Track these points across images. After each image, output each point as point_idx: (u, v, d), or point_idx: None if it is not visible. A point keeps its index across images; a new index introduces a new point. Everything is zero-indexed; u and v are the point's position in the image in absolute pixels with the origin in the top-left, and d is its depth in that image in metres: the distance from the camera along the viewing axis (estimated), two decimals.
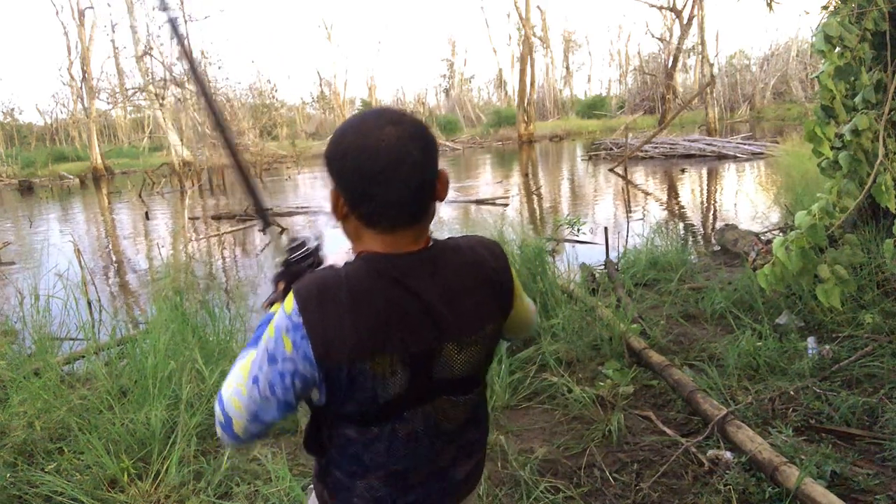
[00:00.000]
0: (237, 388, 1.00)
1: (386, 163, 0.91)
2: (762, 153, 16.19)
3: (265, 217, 1.31)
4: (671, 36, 33.62)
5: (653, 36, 50.36)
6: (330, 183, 0.98)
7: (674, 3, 29.18)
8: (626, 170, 15.56)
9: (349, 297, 0.93)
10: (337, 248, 1.19)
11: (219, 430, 1.04)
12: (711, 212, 10.12)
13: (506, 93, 53.69)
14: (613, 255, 5.99)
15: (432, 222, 1.03)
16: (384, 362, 0.95)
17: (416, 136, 0.94)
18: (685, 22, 28.43)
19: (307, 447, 1.11)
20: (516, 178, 17.31)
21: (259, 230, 1.31)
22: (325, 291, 0.94)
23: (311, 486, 1.18)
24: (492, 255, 1.08)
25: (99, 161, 28.74)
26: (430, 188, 0.98)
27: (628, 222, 7.56)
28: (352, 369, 0.94)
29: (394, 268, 0.96)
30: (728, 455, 2.49)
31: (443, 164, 1.02)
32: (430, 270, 0.99)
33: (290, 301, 0.95)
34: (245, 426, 1.00)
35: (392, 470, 1.04)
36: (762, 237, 5.96)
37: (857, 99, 2.59)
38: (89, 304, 5.33)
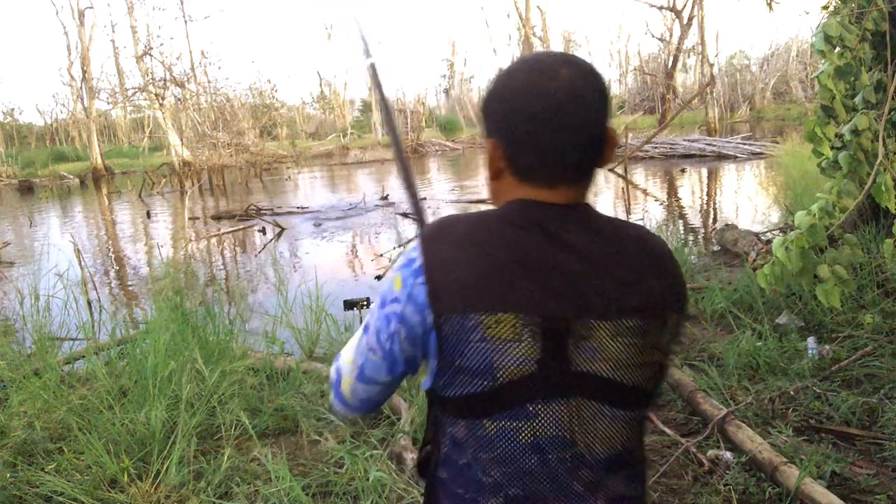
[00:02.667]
0: (353, 342, 0.90)
1: (559, 103, 0.79)
2: (762, 153, 16.19)
3: (417, 207, 1.20)
4: (671, 36, 33.60)
5: (653, 36, 50.36)
6: (486, 133, 0.87)
7: (674, 3, 29.17)
8: (626, 170, 15.55)
9: (476, 232, 0.81)
10: None
11: (330, 395, 0.96)
12: (711, 212, 10.12)
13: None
14: None
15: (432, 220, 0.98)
16: (506, 322, 0.76)
17: (593, 78, 0.82)
18: (685, 22, 28.42)
19: (420, 468, 0.94)
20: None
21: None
22: (450, 226, 0.83)
23: None
24: (669, 254, 0.88)
25: (99, 161, 28.74)
26: (601, 142, 0.84)
27: None
28: (465, 322, 0.77)
29: (541, 213, 0.81)
30: (728, 455, 2.49)
31: (443, 164, 0.99)
32: (585, 227, 0.82)
33: (412, 243, 0.85)
34: (353, 386, 0.90)
35: (509, 496, 0.82)
36: (762, 237, 5.96)
37: (857, 99, 2.59)
38: (89, 304, 5.33)
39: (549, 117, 0.79)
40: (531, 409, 0.79)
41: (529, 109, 0.80)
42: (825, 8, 2.75)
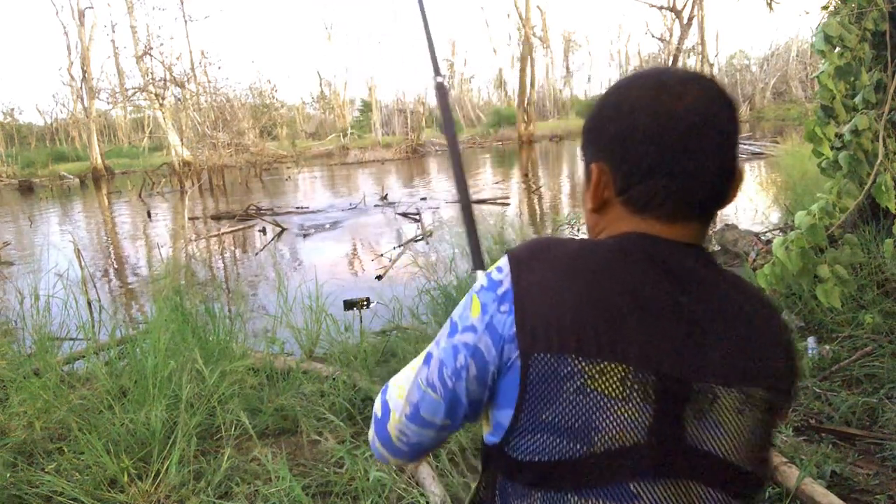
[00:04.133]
0: (407, 373, 0.77)
1: (688, 127, 0.67)
2: (762, 153, 16.19)
3: (479, 257, 1.01)
4: (671, 36, 33.61)
5: (653, 36, 50.36)
6: (591, 157, 0.74)
7: (674, 3, 29.16)
8: None
9: (581, 258, 0.67)
10: None
11: (371, 432, 0.80)
12: None
13: (506, 93, 53.71)
14: None
15: (434, 223, 0.90)
16: (613, 374, 0.62)
17: (725, 101, 0.70)
18: (685, 22, 28.42)
19: None
20: (516, 178, 17.31)
21: (471, 271, 0.99)
22: (549, 247, 0.69)
23: None
24: (784, 321, 0.74)
25: (99, 161, 28.75)
26: (730, 175, 0.71)
27: None
28: (560, 366, 0.62)
29: (660, 249, 0.69)
30: None
31: (443, 165, 0.95)
32: (706, 271, 0.70)
33: (498, 262, 0.71)
34: (402, 426, 0.75)
35: None
36: (762, 237, 5.96)
37: (857, 99, 2.59)
38: (89, 304, 5.33)
39: (677, 142, 0.68)
40: (634, 488, 0.63)
41: (652, 131, 0.68)
42: (825, 8, 2.75)
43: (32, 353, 3.75)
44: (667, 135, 0.68)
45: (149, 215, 14.09)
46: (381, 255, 8.05)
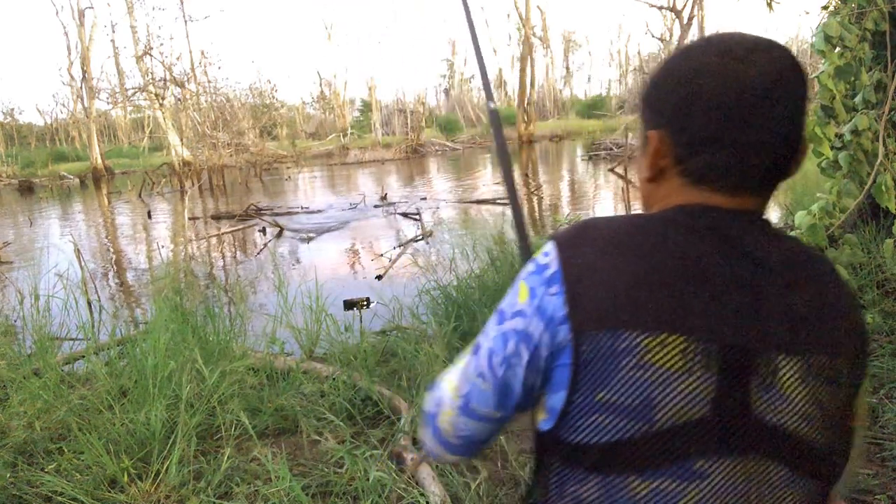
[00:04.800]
0: (457, 365, 0.75)
1: (756, 94, 0.64)
2: None
3: (526, 244, 1.01)
4: (671, 36, 33.61)
5: (653, 36, 50.37)
6: (649, 124, 0.72)
7: (674, 3, 29.17)
8: (626, 170, 15.55)
9: (631, 234, 0.65)
10: None
11: (425, 429, 0.78)
12: None
13: (506, 93, 53.71)
14: None
15: (434, 223, 0.90)
16: (673, 346, 0.60)
17: (796, 67, 0.66)
18: (685, 22, 28.41)
19: None
20: (516, 179, 17.30)
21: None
22: (595, 227, 0.68)
23: None
24: (848, 287, 0.71)
25: (99, 161, 28.76)
26: (797, 146, 0.67)
27: None
28: (616, 341, 0.60)
29: (719, 218, 0.66)
30: None
31: (443, 165, 0.94)
32: (768, 241, 0.67)
33: (543, 247, 0.70)
34: (454, 420, 0.73)
35: None
36: None
37: (857, 99, 2.59)
38: (89, 304, 5.33)
39: (743, 110, 0.64)
40: (699, 466, 0.60)
41: (717, 98, 0.65)
42: (825, 8, 2.74)
43: (32, 353, 3.76)
44: (733, 102, 0.64)
45: (149, 215, 14.09)
46: (381, 255, 8.05)
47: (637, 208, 8.66)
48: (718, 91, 0.65)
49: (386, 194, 14.38)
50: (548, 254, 0.68)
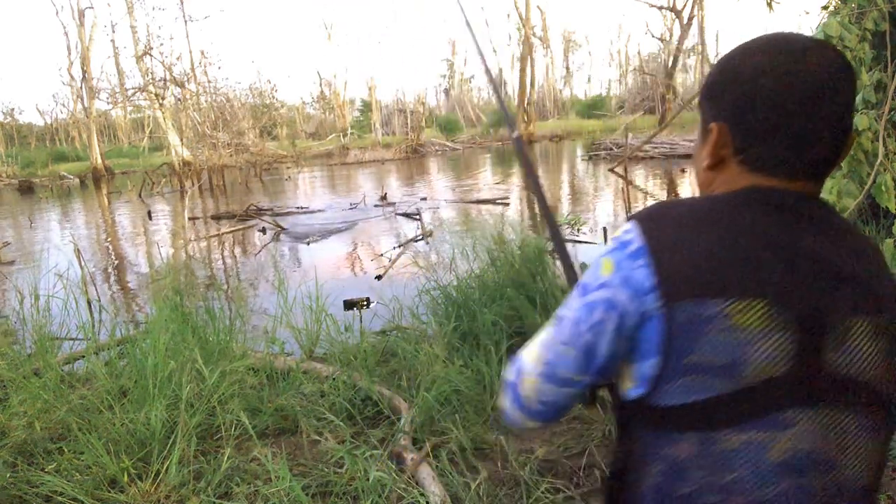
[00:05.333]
0: (538, 338, 0.80)
1: (810, 91, 0.70)
2: None
3: (564, 252, 1.10)
4: (671, 36, 33.62)
5: (653, 36, 50.39)
6: (710, 116, 0.78)
7: (674, 3, 29.17)
8: (626, 170, 15.56)
9: (707, 212, 0.72)
10: None
11: (505, 396, 0.83)
12: None
13: (506, 93, 53.73)
14: None
15: (434, 223, 0.96)
16: (755, 310, 0.66)
17: (846, 66, 0.73)
18: (685, 22, 28.42)
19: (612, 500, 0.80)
20: (516, 179, 17.31)
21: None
22: (673, 206, 0.74)
23: None
24: (884, 260, 0.78)
25: (99, 161, 28.76)
26: (846, 135, 0.74)
27: None
28: (702, 309, 0.66)
29: (782, 197, 0.73)
30: None
31: (443, 165, 0.96)
32: (825, 216, 0.74)
33: (622, 227, 0.76)
34: (537, 386, 0.78)
35: None
36: None
37: (857, 99, 2.59)
38: (89, 304, 5.33)
39: (798, 105, 0.71)
40: (787, 416, 0.67)
41: (776, 94, 0.71)
42: (825, 8, 2.75)
43: (32, 353, 3.76)
44: (789, 98, 0.71)
45: (149, 215, 14.09)
46: (381, 255, 8.05)
47: (636, 206, 8.70)
48: (777, 88, 0.71)
49: (386, 194, 14.38)
50: (630, 231, 0.73)
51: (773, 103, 0.72)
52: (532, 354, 0.80)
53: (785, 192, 0.73)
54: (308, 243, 9.37)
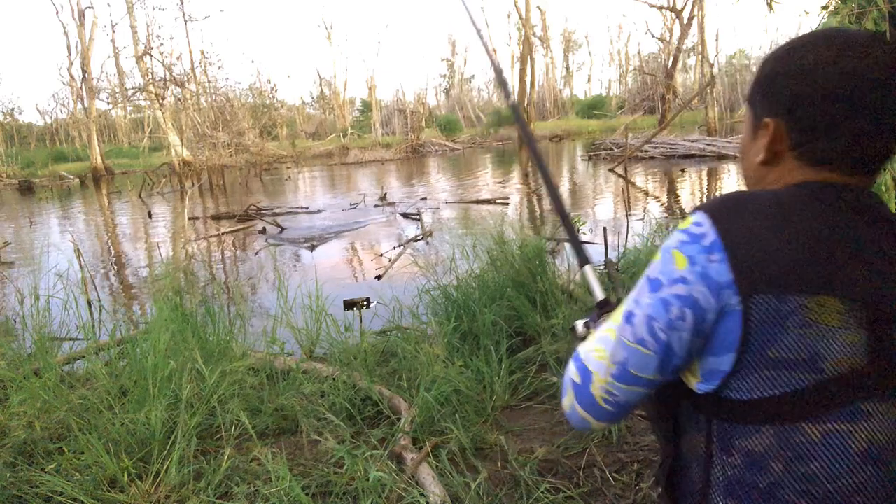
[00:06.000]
0: (603, 336, 0.78)
1: (871, 86, 0.70)
2: None
3: (582, 254, 1.11)
4: (671, 36, 33.61)
5: (653, 36, 50.40)
6: (764, 112, 0.78)
7: (674, 3, 29.16)
8: (626, 170, 15.57)
9: (780, 204, 0.71)
10: None
11: (568, 398, 0.81)
12: None
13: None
14: (613, 255, 5.99)
15: (432, 220, 0.96)
16: (831, 306, 0.67)
17: None
18: (685, 22, 28.41)
19: (670, 488, 0.83)
20: (516, 178, 17.31)
21: None
22: (746, 198, 0.72)
23: None
24: None
25: (99, 161, 28.78)
26: None
27: (628, 222, 7.56)
28: (781, 304, 0.67)
29: (848, 194, 0.73)
30: None
31: (443, 165, 0.96)
32: (888, 212, 0.74)
33: (689, 218, 0.74)
34: (609, 387, 0.76)
35: None
36: None
37: None
38: (89, 304, 5.33)
39: (859, 101, 0.71)
40: (864, 407, 0.68)
41: (836, 89, 0.71)
42: (825, 8, 2.75)
43: (32, 353, 3.76)
44: (850, 93, 0.71)
45: (149, 215, 14.10)
46: (381, 255, 8.05)
47: (636, 206, 8.65)
48: (837, 83, 0.71)
49: (385, 194, 14.38)
50: (700, 224, 0.71)
51: (833, 99, 0.71)
52: (599, 353, 0.77)
53: (847, 187, 0.73)
54: (313, 249, 9.12)
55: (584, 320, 1.05)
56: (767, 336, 0.67)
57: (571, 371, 0.81)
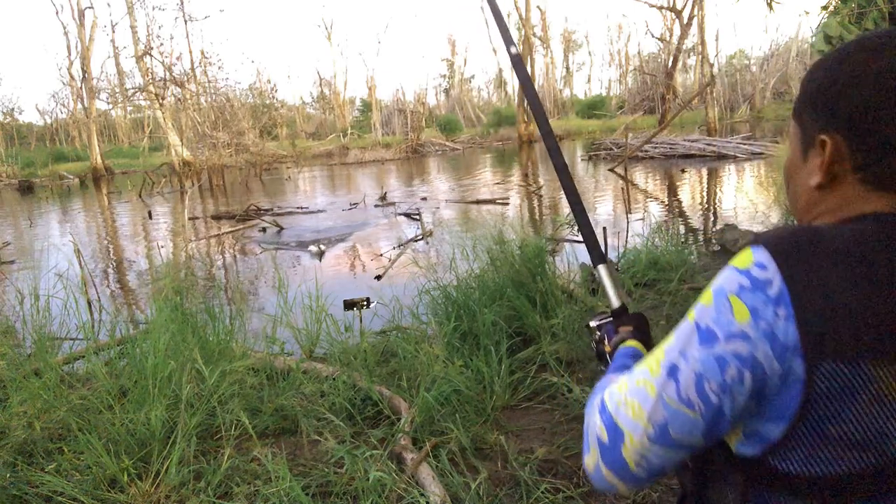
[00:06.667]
0: (636, 388, 0.66)
1: None
2: (762, 153, 16.20)
3: (598, 251, 1.04)
4: (671, 36, 33.61)
5: (653, 36, 50.39)
6: (817, 127, 0.68)
7: (674, 3, 29.16)
8: (626, 170, 15.57)
9: (860, 246, 0.60)
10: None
11: (592, 457, 0.69)
12: (711, 212, 10.12)
13: (506, 93, 53.73)
14: (613, 255, 5.99)
15: (432, 220, 0.94)
16: None
17: None
18: (685, 22, 28.41)
19: None
20: (517, 178, 17.31)
21: None
22: (817, 241, 0.61)
23: None
24: None
25: (99, 161, 28.78)
26: None
27: (628, 222, 7.57)
28: (855, 372, 0.57)
29: None
30: None
31: (443, 164, 0.94)
32: None
33: (748, 254, 0.63)
34: (645, 450, 0.65)
35: None
36: None
37: None
38: (89, 304, 5.33)
39: None
40: None
41: None
42: (825, 8, 2.75)
43: (32, 353, 3.76)
44: None
45: (149, 215, 14.10)
46: (381, 255, 8.05)
47: (636, 206, 8.65)
48: None
49: (386, 194, 14.38)
50: (764, 266, 0.61)
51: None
52: (634, 411, 0.66)
53: None
54: (320, 256, 8.51)
55: (598, 322, 1.01)
56: (831, 410, 0.58)
57: (596, 426, 0.69)
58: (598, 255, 1.04)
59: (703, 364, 0.62)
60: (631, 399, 0.66)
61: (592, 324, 1.03)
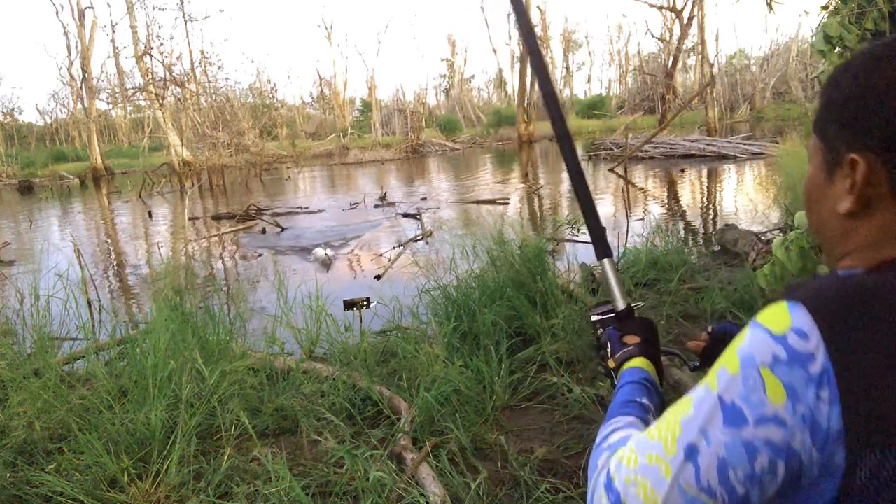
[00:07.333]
0: (648, 465, 0.57)
1: None
2: (762, 153, 16.19)
3: (603, 244, 0.97)
4: (671, 36, 33.62)
5: (653, 36, 50.41)
6: (847, 145, 0.59)
7: (674, 3, 29.16)
8: (626, 170, 15.56)
9: None
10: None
11: None
12: (711, 212, 10.12)
13: (506, 93, 53.72)
14: (613, 255, 5.98)
15: (432, 220, 0.90)
16: None
17: None
18: (685, 22, 28.41)
19: None
20: (517, 178, 17.31)
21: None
22: (870, 302, 0.51)
23: None
24: None
25: (99, 161, 28.79)
26: None
27: (628, 222, 7.56)
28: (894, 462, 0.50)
29: None
30: None
31: (443, 165, 0.93)
32: None
33: (783, 314, 0.53)
34: None
35: None
36: (762, 237, 5.96)
37: None
38: (89, 304, 5.33)
39: None
40: None
41: None
42: (825, 8, 2.75)
43: (32, 353, 3.76)
44: None
45: (150, 215, 14.10)
46: (381, 254, 8.05)
47: (636, 206, 8.63)
48: None
49: (386, 194, 14.38)
50: (805, 336, 0.51)
51: None
52: (644, 490, 0.57)
53: None
54: (328, 266, 7.58)
55: (600, 317, 0.96)
56: (870, 502, 0.51)
57: (599, 495, 0.61)
58: (602, 249, 0.98)
59: (729, 450, 0.53)
60: (642, 479, 0.57)
61: (594, 318, 0.98)
